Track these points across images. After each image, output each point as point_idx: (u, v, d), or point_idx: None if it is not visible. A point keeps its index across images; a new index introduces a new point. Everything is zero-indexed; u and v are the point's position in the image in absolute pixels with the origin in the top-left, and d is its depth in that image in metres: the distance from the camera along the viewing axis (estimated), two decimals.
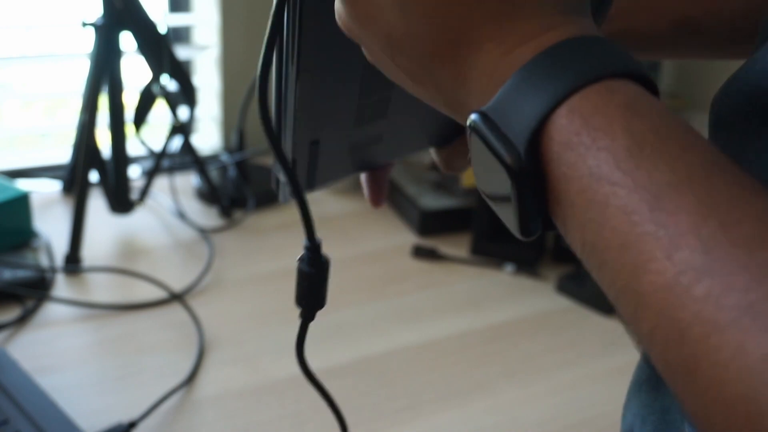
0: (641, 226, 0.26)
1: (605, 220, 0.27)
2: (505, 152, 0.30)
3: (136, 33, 1.00)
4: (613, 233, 0.27)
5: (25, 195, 0.99)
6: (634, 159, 0.27)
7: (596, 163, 0.27)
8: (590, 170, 0.28)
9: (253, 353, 0.84)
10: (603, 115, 0.28)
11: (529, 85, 0.29)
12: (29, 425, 0.67)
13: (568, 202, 0.29)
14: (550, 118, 0.29)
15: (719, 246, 0.24)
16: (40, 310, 0.88)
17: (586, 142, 0.28)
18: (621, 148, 0.27)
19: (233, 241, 1.06)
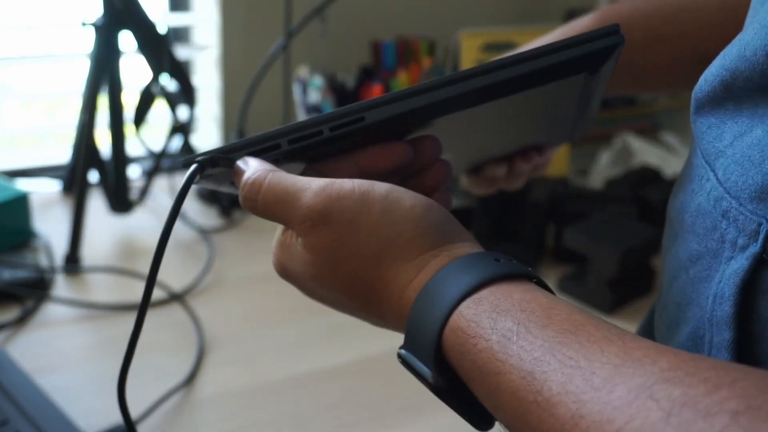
0: (525, 402, 0.31)
1: (502, 403, 0.33)
2: (426, 372, 0.36)
3: (136, 33, 1.00)
4: (512, 413, 0.32)
5: (25, 195, 0.99)
6: (505, 349, 0.33)
7: (482, 362, 0.33)
8: (480, 369, 0.33)
9: (252, 353, 0.83)
10: (477, 324, 0.34)
11: (418, 318, 0.36)
12: (29, 425, 0.67)
13: (481, 396, 0.34)
14: (442, 337, 0.35)
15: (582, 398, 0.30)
16: (39, 311, 0.88)
17: (470, 348, 0.34)
18: (494, 343, 0.33)
19: (233, 242, 1.06)
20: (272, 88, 1.20)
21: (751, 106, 0.36)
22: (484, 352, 0.33)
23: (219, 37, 1.29)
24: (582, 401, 0.29)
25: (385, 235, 0.38)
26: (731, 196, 0.35)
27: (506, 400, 0.32)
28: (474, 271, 0.35)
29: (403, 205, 0.38)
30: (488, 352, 0.33)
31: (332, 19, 1.35)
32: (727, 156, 0.36)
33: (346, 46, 1.37)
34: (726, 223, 0.36)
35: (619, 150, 1.26)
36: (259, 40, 1.27)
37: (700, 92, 0.40)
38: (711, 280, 0.37)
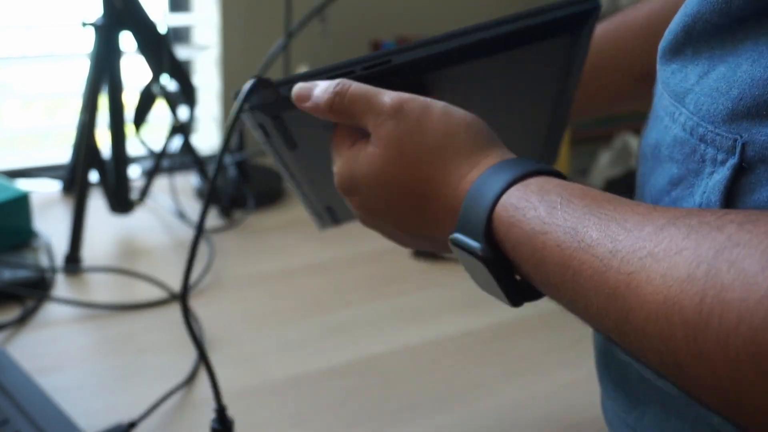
0: (569, 250, 0.38)
1: (546, 259, 0.39)
2: (475, 246, 0.42)
3: (136, 33, 1.00)
4: (555, 263, 0.38)
5: (25, 195, 0.99)
6: (551, 215, 0.39)
7: (530, 226, 0.40)
8: (528, 233, 0.40)
9: (252, 353, 0.83)
10: (526, 200, 0.41)
11: (472, 200, 0.43)
12: (29, 425, 0.67)
13: (526, 259, 0.40)
14: (493, 213, 0.42)
15: (617, 238, 0.36)
16: (40, 310, 0.88)
17: (520, 217, 0.40)
18: (542, 211, 0.40)
19: (233, 241, 1.06)
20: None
21: (707, 49, 0.42)
22: (533, 220, 0.40)
23: (219, 37, 1.29)
24: (617, 240, 0.35)
25: (443, 132, 0.46)
26: (706, 122, 0.41)
27: (550, 254, 0.39)
28: (521, 166, 0.43)
29: (458, 114, 0.46)
30: (536, 219, 0.40)
31: (332, 18, 1.35)
32: (696, 92, 0.43)
33: (346, 46, 1.37)
34: (704, 145, 0.42)
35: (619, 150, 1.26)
36: (259, 40, 1.27)
37: (664, 42, 0.47)
38: (694, 195, 0.43)
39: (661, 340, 0.32)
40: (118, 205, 1.03)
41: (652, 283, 0.33)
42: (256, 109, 0.53)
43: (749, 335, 0.28)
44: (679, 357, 0.32)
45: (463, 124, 0.46)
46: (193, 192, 1.18)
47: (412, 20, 1.40)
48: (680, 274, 0.32)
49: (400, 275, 1.00)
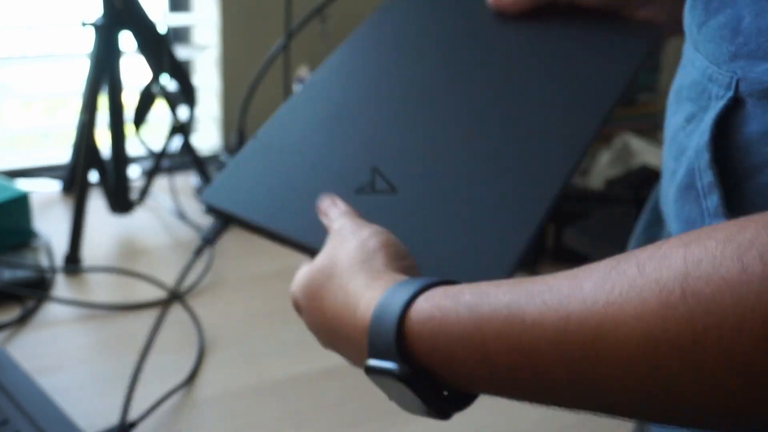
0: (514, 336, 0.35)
1: (490, 353, 0.36)
2: (390, 366, 0.39)
3: (136, 33, 1.00)
4: (502, 354, 0.36)
5: (25, 195, 0.99)
6: (476, 310, 0.37)
7: (459, 329, 0.37)
8: (459, 335, 0.37)
9: (253, 353, 0.83)
10: (438, 308, 0.38)
11: (377, 320, 0.40)
12: (29, 425, 0.67)
13: (465, 363, 0.38)
14: (405, 327, 0.39)
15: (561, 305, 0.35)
16: (40, 311, 0.88)
17: (444, 326, 0.38)
18: (464, 311, 0.37)
19: (233, 241, 1.06)
20: (272, 88, 1.19)
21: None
22: (460, 321, 0.37)
23: (219, 37, 1.29)
24: (563, 306, 0.34)
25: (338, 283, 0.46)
26: (713, 64, 0.46)
27: (494, 347, 0.36)
28: (418, 281, 0.41)
29: (342, 262, 0.47)
30: (463, 319, 0.37)
31: (332, 19, 1.35)
32: (701, 40, 0.47)
33: None
34: (711, 84, 0.46)
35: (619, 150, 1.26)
36: (259, 40, 1.27)
37: None
38: (699, 129, 0.46)
39: (652, 380, 0.31)
40: (117, 205, 1.03)
41: (626, 326, 0.31)
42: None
43: (760, 328, 0.28)
44: (671, 385, 0.31)
45: (357, 246, 0.47)
46: (192, 192, 1.18)
47: None
48: (654, 307, 0.30)
49: None
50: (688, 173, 0.47)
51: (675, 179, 0.49)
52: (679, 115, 0.50)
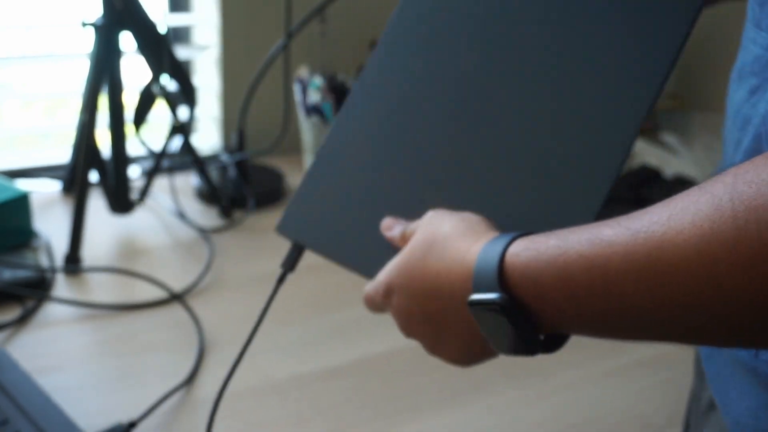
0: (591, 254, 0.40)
1: (573, 270, 0.41)
2: (493, 296, 0.44)
3: (136, 33, 1.00)
4: (581, 271, 0.40)
5: (25, 195, 0.99)
6: (563, 240, 0.42)
7: (547, 254, 0.42)
8: (547, 260, 0.42)
9: (253, 353, 0.83)
10: (533, 242, 0.44)
11: (481, 261, 0.46)
12: (29, 425, 0.67)
13: (552, 289, 0.42)
14: (504, 264, 0.44)
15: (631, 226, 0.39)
16: (40, 310, 0.88)
17: (534, 253, 0.43)
18: (553, 240, 0.43)
19: (233, 241, 1.06)
20: (272, 89, 1.20)
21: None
22: (549, 249, 0.42)
23: (219, 38, 1.29)
24: (631, 227, 0.38)
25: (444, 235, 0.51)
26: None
27: (575, 266, 0.41)
28: (516, 233, 0.46)
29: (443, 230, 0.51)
30: (551, 247, 0.42)
31: (332, 19, 1.35)
32: (763, 18, 0.49)
33: (346, 46, 1.37)
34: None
35: None
36: (259, 41, 1.28)
37: None
38: (765, 97, 0.48)
39: (706, 275, 0.34)
40: (117, 205, 1.03)
41: (684, 233, 0.35)
42: None
43: None
44: (721, 279, 0.34)
45: (458, 219, 0.51)
46: (193, 192, 1.18)
47: None
48: (707, 212, 0.34)
49: None
50: (755, 139, 0.49)
51: (740, 148, 0.51)
52: (742, 90, 0.52)
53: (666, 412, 0.77)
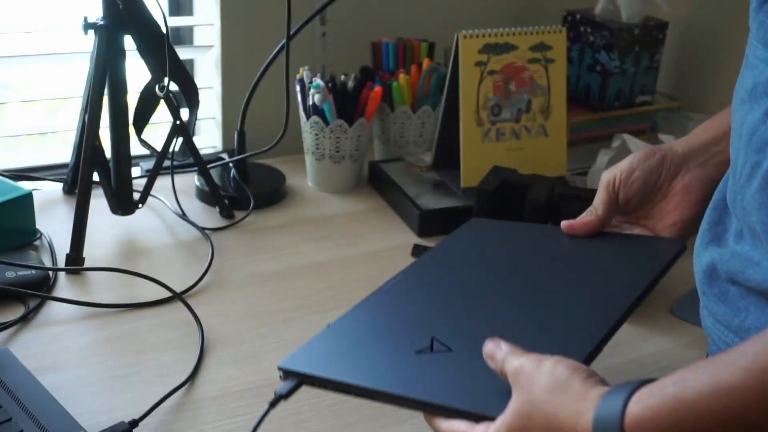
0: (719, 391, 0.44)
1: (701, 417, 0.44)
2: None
3: (139, 33, 1.00)
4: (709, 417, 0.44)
5: (28, 195, 0.99)
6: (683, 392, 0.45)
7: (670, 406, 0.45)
8: (669, 411, 0.45)
9: (253, 352, 0.84)
10: (651, 392, 0.46)
11: (599, 423, 0.47)
12: (32, 424, 0.67)
13: None
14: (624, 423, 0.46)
15: None
16: (42, 310, 0.88)
17: (655, 412, 0.46)
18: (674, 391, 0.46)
19: (234, 241, 1.06)
20: (273, 90, 1.20)
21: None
22: (671, 414, 0.45)
23: (220, 39, 1.29)
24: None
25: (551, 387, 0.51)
26: None
27: (706, 423, 0.44)
28: (623, 389, 0.48)
29: (539, 398, 0.51)
30: (673, 411, 0.45)
31: (332, 20, 1.35)
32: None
33: (346, 47, 1.37)
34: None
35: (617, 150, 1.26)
36: (259, 42, 1.28)
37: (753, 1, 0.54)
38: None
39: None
40: (119, 205, 1.03)
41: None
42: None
43: None
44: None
45: (566, 374, 0.51)
46: (194, 192, 1.19)
47: (412, 22, 1.41)
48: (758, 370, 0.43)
49: None
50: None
51: (759, 171, 0.53)
52: (756, 112, 0.53)
53: None
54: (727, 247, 0.60)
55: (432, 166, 1.21)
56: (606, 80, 1.34)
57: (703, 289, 0.63)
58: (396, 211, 1.17)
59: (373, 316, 0.70)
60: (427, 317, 0.68)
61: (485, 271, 0.75)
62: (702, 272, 0.63)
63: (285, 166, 1.26)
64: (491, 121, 1.15)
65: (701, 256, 0.64)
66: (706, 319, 0.64)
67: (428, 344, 0.62)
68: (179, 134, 1.07)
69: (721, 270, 0.60)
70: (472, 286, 0.72)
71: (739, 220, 0.58)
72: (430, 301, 0.71)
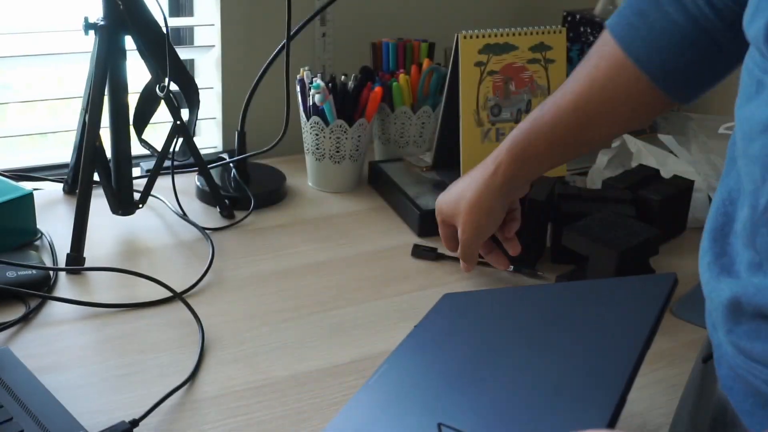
0: None
1: None
2: None
3: (139, 34, 1.00)
4: None
5: (28, 195, 1.00)
6: None
7: None
8: None
9: (254, 352, 0.84)
10: None
11: None
12: (33, 423, 0.67)
13: None
14: None
15: None
16: (43, 310, 0.88)
17: None
18: None
19: (234, 241, 1.07)
20: (273, 90, 1.20)
21: None
22: None
23: (220, 39, 1.30)
24: None
25: None
26: None
27: None
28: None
29: None
30: None
31: (333, 20, 1.35)
32: None
33: (346, 47, 1.38)
34: None
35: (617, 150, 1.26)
36: (260, 42, 1.28)
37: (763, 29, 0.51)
38: None
39: None
40: (120, 205, 1.04)
41: None
42: None
43: None
44: None
45: None
46: (194, 192, 1.19)
47: (413, 22, 1.41)
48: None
49: (400, 275, 1.01)
50: None
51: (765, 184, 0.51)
52: (757, 109, 0.52)
53: (664, 411, 0.78)
54: (740, 278, 0.56)
55: (432, 166, 1.21)
56: None
57: (729, 326, 0.58)
58: (396, 211, 1.17)
59: (366, 414, 0.66)
60: (426, 405, 0.63)
61: (474, 345, 0.70)
62: (724, 308, 0.58)
63: (285, 166, 1.26)
64: (491, 121, 1.15)
65: (718, 291, 0.59)
66: (733, 358, 0.58)
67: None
68: (179, 134, 1.07)
69: (747, 305, 0.55)
70: (465, 365, 0.67)
71: (758, 254, 0.55)
72: (423, 387, 0.66)
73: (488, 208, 0.91)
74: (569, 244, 0.95)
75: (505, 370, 0.64)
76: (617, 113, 0.81)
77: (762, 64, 0.53)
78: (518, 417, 0.56)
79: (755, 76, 0.54)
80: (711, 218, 0.62)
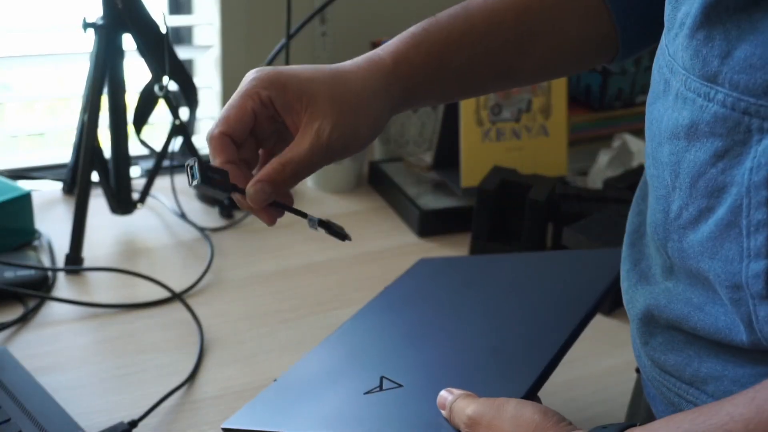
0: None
1: None
2: None
3: (138, 33, 1.00)
4: None
5: (27, 195, 0.99)
6: None
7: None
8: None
9: (253, 352, 0.84)
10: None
11: None
12: (31, 424, 0.67)
13: None
14: None
15: None
16: (41, 310, 0.88)
17: None
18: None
19: (233, 241, 1.06)
20: None
21: (722, 31, 0.45)
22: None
23: (220, 38, 1.29)
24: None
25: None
26: (747, 96, 0.44)
27: None
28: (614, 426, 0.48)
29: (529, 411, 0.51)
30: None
31: (332, 19, 1.35)
32: (726, 72, 0.45)
33: (346, 47, 1.37)
34: (748, 117, 0.44)
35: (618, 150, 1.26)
36: (259, 41, 1.28)
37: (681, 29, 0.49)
38: (743, 162, 0.45)
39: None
40: (119, 205, 1.03)
41: None
42: None
43: None
44: None
45: (535, 420, 0.50)
46: (193, 192, 1.19)
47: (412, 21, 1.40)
48: None
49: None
50: (732, 211, 0.46)
51: (712, 217, 0.48)
52: (701, 152, 0.48)
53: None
54: (656, 284, 0.56)
55: (432, 166, 1.21)
56: (606, 80, 1.34)
57: (645, 339, 0.58)
58: (396, 211, 1.17)
59: (321, 364, 0.70)
60: (375, 359, 0.67)
61: (434, 309, 0.74)
62: (638, 320, 0.58)
63: None
64: (491, 121, 1.15)
65: (634, 302, 0.58)
66: (649, 371, 0.58)
67: (377, 384, 0.60)
68: (179, 134, 1.07)
69: (659, 317, 0.55)
70: (421, 326, 0.71)
71: (669, 259, 0.53)
72: (378, 343, 0.71)
73: (377, 104, 0.65)
74: (569, 244, 0.95)
75: (454, 332, 0.68)
76: (563, 29, 0.69)
77: (669, 64, 0.51)
78: (452, 376, 0.59)
79: (663, 74, 0.52)
80: (629, 220, 0.61)
